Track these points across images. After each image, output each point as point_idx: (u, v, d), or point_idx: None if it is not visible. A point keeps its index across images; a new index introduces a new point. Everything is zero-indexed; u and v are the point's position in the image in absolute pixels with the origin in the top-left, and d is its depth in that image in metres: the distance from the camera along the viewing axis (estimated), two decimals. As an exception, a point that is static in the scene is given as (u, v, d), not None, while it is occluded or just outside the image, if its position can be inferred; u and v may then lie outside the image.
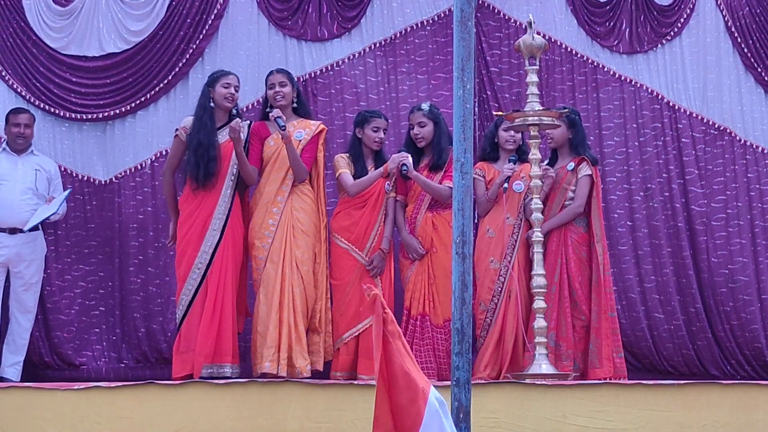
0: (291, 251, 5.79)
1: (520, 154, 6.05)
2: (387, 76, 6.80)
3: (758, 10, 6.90)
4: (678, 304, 6.67)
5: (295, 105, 6.02)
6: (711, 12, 6.92)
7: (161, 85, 6.65)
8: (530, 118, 5.67)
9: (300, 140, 5.92)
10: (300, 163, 5.85)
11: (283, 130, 5.75)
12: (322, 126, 6.08)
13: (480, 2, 6.80)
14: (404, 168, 5.90)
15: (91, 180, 6.68)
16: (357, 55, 6.79)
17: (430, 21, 6.83)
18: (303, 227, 5.86)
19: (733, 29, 6.89)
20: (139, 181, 6.67)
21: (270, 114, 5.88)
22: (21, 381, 6.04)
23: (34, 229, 6.24)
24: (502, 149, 6.10)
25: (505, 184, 5.90)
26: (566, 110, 5.93)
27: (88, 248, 6.65)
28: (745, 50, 6.88)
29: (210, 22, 6.68)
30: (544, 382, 5.13)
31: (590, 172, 5.98)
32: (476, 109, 6.59)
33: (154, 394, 5.06)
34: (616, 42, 6.89)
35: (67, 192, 6.30)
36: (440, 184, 5.97)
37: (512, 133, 6.01)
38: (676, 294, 6.68)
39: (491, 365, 5.86)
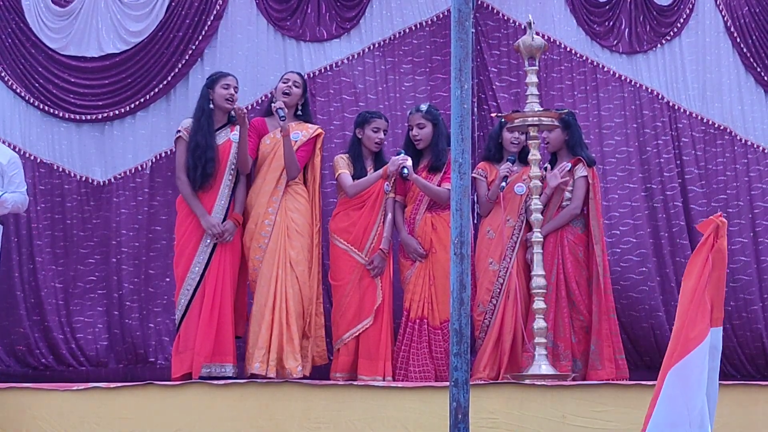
0: (285, 252, 5.80)
1: (524, 157, 6.05)
2: (386, 76, 6.81)
3: (757, 10, 6.91)
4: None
5: (299, 112, 6.04)
6: (710, 12, 6.93)
7: (161, 86, 6.66)
8: (530, 119, 5.68)
9: (296, 141, 5.93)
10: (294, 160, 5.86)
11: (283, 120, 5.77)
12: (320, 130, 6.09)
13: (479, 2, 6.80)
14: (404, 171, 5.90)
15: (89, 180, 6.68)
16: (356, 56, 6.79)
17: (429, 22, 6.84)
18: (298, 228, 5.87)
19: (732, 29, 6.90)
20: (139, 182, 6.67)
21: (272, 105, 5.90)
22: (21, 381, 6.04)
23: None
24: (505, 150, 6.11)
25: (503, 183, 5.90)
26: (564, 111, 5.93)
27: (85, 248, 6.66)
28: (745, 51, 6.89)
29: (209, 22, 6.69)
30: (543, 383, 5.13)
31: (586, 174, 5.97)
32: (475, 109, 6.60)
33: (154, 394, 5.06)
34: (615, 42, 6.90)
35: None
36: (439, 185, 5.97)
37: (516, 134, 6.02)
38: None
39: (490, 366, 5.86)
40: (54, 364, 6.55)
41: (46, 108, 6.64)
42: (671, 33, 6.90)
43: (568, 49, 6.88)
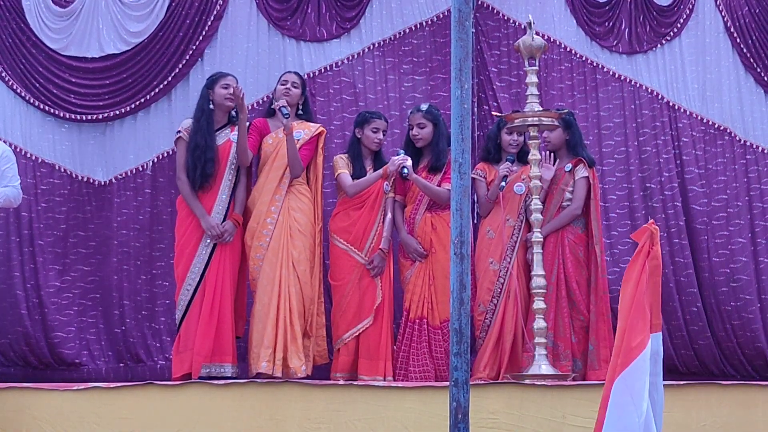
0: (288, 251, 5.80)
1: (522, 157, 6.06)
2: (386, 76, 6.81)
3: (757, 10, 6.91)
4: (678, 304, 6.67)
5: (300, 111, 6.05)
6: (710, 12, 6.93)
7: (161, 86, 6.66)
8: (530, 119, 5.68)
9: (299, 140, 5.94)
10: (297, 158, 5.86)
11: (287, 117, 5.78)
12: (321, 128, 6.10)
13: (479, 2, 6.81)
14: (404, 170, 5.91)
15: (91, 181, 6.69)
16: (356, 56, 6.80)
17: (429, 22, 6.84)
18: (300, 227, 5.87)
19: (732, 29, 6.90)
20: (139, 183, 6.68)
21: (274, 104, 5.91)
22: (21, 381, 6.05)
23: None
24: (504, 151, 6.11)
25: (503, 183, 5.91)
26: (564, 111, 5.94)
27: (87, 249, 6.66)
28: (745, 51, 6.89)
29: (209, 22, 6.69)
30: (543, 383, 5.13)
31: (587, 174, 5.98)
32: (475, 109, 6.60)
33: (154, 394, 5.06)
34: (615, 42, 6.91)
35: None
36: (439, 185, 5.97)
37: (515, 136, 6.03)
38: (676, 294, 6.68)
39: (490, 365, 5.86)
40: (54, 364, 6.55)
41: (47, 108, 6.64)
42: (671, 33, 6.90)
43: (568, 49, 6.88)
